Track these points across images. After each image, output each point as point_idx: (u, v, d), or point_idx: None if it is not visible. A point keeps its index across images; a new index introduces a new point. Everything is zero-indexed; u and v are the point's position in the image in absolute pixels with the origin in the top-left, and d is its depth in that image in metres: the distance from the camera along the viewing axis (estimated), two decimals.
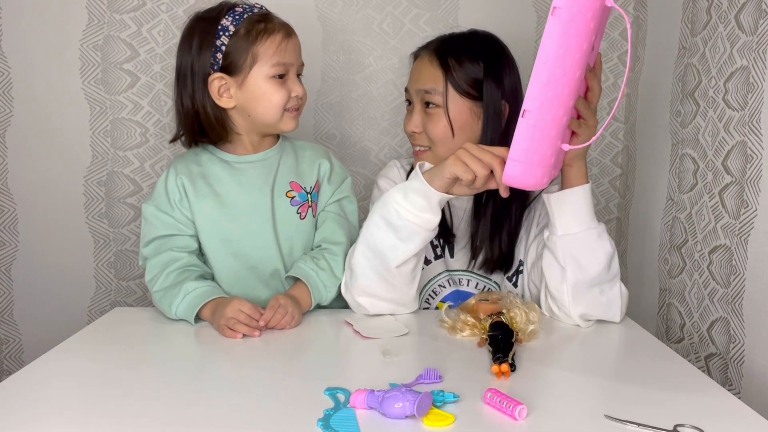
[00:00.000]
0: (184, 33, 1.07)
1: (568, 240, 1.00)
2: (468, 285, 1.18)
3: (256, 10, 1.07)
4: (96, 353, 0.90)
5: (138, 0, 1.49)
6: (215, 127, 1.08)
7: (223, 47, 1.03)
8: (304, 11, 1.51)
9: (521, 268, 1.15)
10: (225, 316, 0.97)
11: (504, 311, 0.96)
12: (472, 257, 1.16)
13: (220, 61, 1.03)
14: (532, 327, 0.94)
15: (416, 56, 1.16)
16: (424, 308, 1.19)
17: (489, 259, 1.14)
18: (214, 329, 0.99)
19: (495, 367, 0.81)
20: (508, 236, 1.14)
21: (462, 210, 1.18)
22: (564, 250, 1.00)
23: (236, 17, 1.04)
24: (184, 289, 1.03)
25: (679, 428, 0.67)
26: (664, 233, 1.32)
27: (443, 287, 1.18)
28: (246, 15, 1.05)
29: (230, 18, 1.04)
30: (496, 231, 1.13)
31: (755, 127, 1.01)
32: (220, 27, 1.03)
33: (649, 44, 1.43)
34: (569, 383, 0.81)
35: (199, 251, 1.13)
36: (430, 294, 1.19)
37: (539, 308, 1.03)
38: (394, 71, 1.55)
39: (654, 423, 0.68)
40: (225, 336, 0.96)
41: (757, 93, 1.00)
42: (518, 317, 0.95)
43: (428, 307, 1.19)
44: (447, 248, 1.18)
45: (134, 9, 1.49)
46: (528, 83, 0.81)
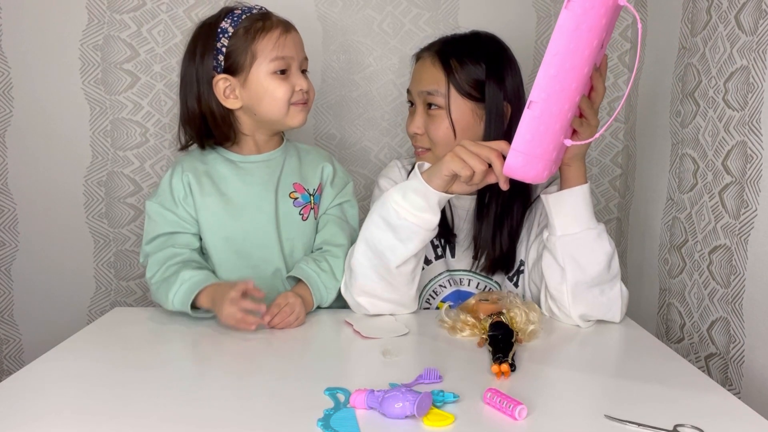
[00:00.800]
0: (189, 42, 1.09)
1: (567, 240, 0.99)
2: (469, 285, 1.18)
3: (255, 11, 1.08)
4: (96, 353, 0.90)
5: (138, 0, 1.49)
6: (222, 128, 1.09)
7: (224, 48, 1.05)
8: (304, 11, 1.51)
9: (522, 268, 1.14)
10: (223, 318, 0.97)
11: (504, 311, 0.96)
12: (476, 258, 1.16)
13: (222, 63, 1.05)
14: (532, 327, 0.94)
15: (418, 58, 1.16)
16: (425, 308, 1.18)
17: (491, 260, 1.14)
18: (218, 323, 0.99)
19: (495, 367, 0.81)
20: (510, 236, 1.14)
21: (464, 210, 1.18)
22: (563, 251, 1.00)
23: (235, 19, 1.06)
24: (181, 278, 1.03)
25: (679, 428, 0.67)
26: (664, 233, 1.32)
27: (444, 287, 1.18)
28: (244, 16, 1.06)
29: (229, 20, 1.06)
30: (498, 231, 1.13)
31: (755, 127, 1.01)
32: (220, 30, 1.05)
33: (649, 44, 1.43)
34: (569, 383, 0.81)
35: (201, 251, 1.13)
36: (431, 294, 1.19)
37: (539, 308, 1.03)
38: (394, 71, 1.55)
39: (654, 423, 0.68)
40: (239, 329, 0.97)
41: (757, 93, 1.00)
42: (518, 317, 0.95)
43: (429, 307, 1.19)
44: (448, 248, 1.18)
45: (134, 9, 1.49)
46: (530, 81, 0.80)
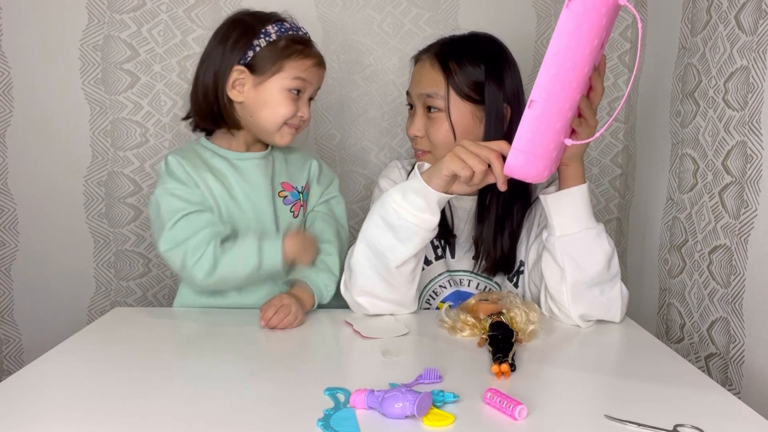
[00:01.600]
0: (228, 21, 1.11)
1: (567, 240, 0.99)
2: (469, 285, 1.18)
3: (302, 33, 1.11)
4: (96, 353, 0.90)
5: (138, 0, 1.49)
6: (225, 109, 1.09)
7: (258, 48, 1.06)
8: (304, 11, 1.50)
9: (522, 269, 1.14)
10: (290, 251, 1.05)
11: (504, 311, 0.96)
12: (477, 259, 1.15)
13: (249, 59, 1.07)
14: (532, 327, 0.94)
15: (417, 60, 1.16)
16: (425, 308, 1.18)
17: (492, 261, 1.14)
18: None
19: (495, 367, 0.81)
20: (510, 237, 1.13)
21: (464, 211, 1.18)
22: (562, 251, 1.00)
23: (282, 30, 1.08)
24: (253, 239, 1.05)
25: (679, 428, 0.67)
26: (664, 233, 1.32)
27: (444, 288, 1.18)
28: (290, 32, 1.09)
29: (276, 27, 1.08)
30: (499, 232, 1.13)
31: (755, 127, 1.01)
32: (264, 31, 1.07)
33: (649, 44, 1.43)
34: (569, 383, 0.81)
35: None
36: (431, 294, 1.19)
37: (539, 308, 1.03)
38: (394, 71, 1.55)
39: (654, 423, 0.68)
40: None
41: (757, 93, 1.00)
42: (518, 317, 0.95)
43: (429, 308, 1.19)
44: (448, 249, 1.18)
45: (134, 9, 1.49)
46: (530, 82, 0.81)
